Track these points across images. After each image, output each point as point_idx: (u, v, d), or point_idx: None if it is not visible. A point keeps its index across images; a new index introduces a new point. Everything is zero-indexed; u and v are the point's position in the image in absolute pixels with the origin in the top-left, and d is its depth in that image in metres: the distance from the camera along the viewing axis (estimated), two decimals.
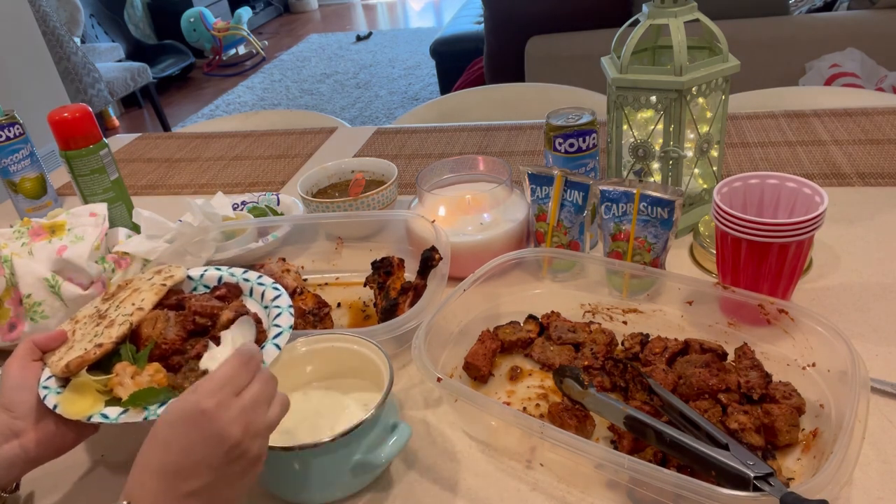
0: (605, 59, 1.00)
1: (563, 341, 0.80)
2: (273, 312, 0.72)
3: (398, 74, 5.10)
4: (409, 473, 0.68)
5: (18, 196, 1.25)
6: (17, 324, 0.84)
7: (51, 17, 3.58)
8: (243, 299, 0.77)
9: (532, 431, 0.61)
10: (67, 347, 0.68)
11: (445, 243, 0.87)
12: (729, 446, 0.57)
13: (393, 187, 1.07)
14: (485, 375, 0.77)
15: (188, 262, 0.97)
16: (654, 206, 0.80)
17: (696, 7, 0.92)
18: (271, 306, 0.74)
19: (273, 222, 1.05)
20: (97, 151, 1.09)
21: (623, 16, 2.14)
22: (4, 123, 1.19)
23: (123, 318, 0.69)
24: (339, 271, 1.02)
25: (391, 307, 0.83)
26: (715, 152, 0.99)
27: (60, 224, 0.90)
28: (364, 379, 0.73)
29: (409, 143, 1.46)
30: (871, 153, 1.16)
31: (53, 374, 0.65)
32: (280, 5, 7.31)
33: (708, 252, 0.90)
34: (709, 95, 0.93)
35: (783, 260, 0.74)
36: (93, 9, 4.88)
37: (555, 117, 0.96)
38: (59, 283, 0.83)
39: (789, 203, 0.79)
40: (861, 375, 0.61)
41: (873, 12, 2.37)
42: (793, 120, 1.32)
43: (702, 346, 0.74)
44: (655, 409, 0.66)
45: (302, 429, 0.68)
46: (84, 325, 0.71)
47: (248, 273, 0.80)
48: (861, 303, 0.83)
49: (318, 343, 0.73)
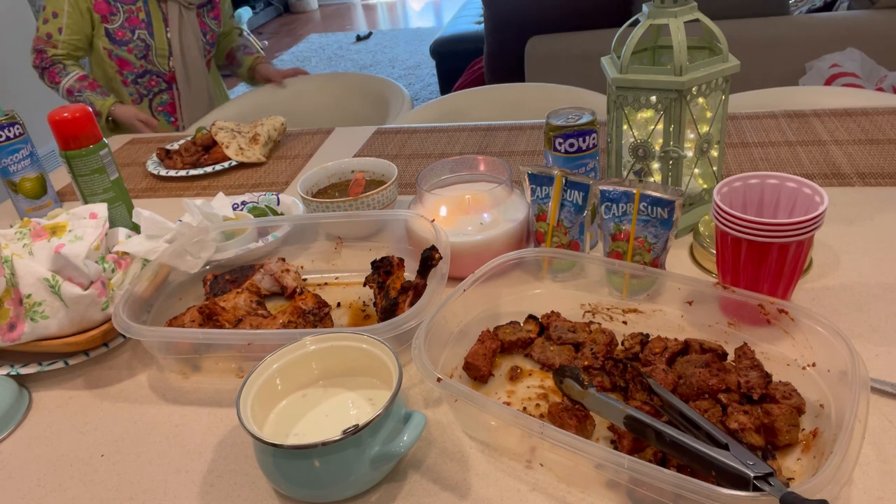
0: (605, 59, 1.00)
1: (563, 341, 0.80)
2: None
3: (398, 75, 5.10)
4: (409, 474, 0.68)
5: (18, 196, 1.25)
6: (17, 324, 0.84)
7: None
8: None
9: (532, 431, 0.61)
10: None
11: (445, 243, 0.87)
12: (729, 446, 0.57)
13: (393, 187, 1.07)
14: (485, 375, 0.77)
15: (188, 262, 0.97)
16: (654, 206, 0.80)
17: (696, 7, 0.92)
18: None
19: (273, 222, 1.05)
20: (97, 151, 1.09)
21: (623, 16, 2.15)
22: (4, 123, 1.19)
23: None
24: (339, 271, 1.02)
25: (391, 307, 0.83)
26: (715, 152, 0.99)
27: (62, 225, 0.90)
28: (369, 376, 0.73)
29: (409, 143, 1.46)
30: (871, 153, 1.16)
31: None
32: (280, 5, 7.31)
33: (708, 252, 0.90)
34: (709, 95, 0.93)
35: (783, 260, 0.74)
36: None
37: (555, 117, 0.96)
38: (59, 283, 0.83)
39: (789, 203, 0.79)
40: (861, 375, 0.61)
41: (873, 12, 2.37)
42: (793, 120, 1.32)
43: (702, 346, 0.75)
44: (655, 409, 0.66)
45: (310, 428, 0.69)
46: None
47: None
48: (861, 303, 0.82)
49: (326, 342, 0.73)
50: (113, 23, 1.87)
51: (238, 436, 0.75)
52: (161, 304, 0.94)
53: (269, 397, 0.71)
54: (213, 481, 0.70)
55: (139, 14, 1.89)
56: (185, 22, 1.94)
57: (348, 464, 0.63)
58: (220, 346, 0.84)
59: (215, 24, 2.05)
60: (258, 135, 1.50)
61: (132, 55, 1.92)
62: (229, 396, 0.81)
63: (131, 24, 1.88)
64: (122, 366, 0.89)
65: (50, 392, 0.86)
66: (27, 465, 0.75)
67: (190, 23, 1.96)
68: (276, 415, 0.71)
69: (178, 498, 0.69)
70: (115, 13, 1.87)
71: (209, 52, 2.08)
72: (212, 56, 2.11)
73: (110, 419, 0.80)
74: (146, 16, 1.90)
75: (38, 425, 0.81)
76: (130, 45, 1.90)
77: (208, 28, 2.04)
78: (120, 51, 1.91)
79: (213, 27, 2.05)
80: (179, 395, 0.83)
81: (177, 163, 1.45)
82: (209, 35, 2.05)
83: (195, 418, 0.79)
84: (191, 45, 1.98)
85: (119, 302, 0.84)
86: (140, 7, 1.89)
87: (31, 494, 0.71)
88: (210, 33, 2.05)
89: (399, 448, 0.63)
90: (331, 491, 0.65)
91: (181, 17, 1.93)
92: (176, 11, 1.92)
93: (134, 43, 1.90)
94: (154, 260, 0.93)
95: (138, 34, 1.89)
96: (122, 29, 1.87)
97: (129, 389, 0.85)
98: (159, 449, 0.75)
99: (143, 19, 1.89)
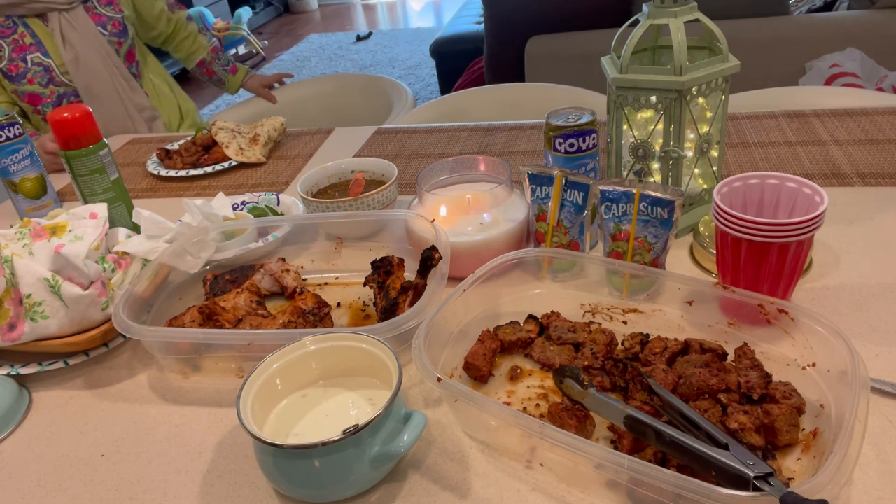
0: (605, 59, 1.00)
1: (563, 341, 0.80)
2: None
3: (398, 75, 5.10)
4: (409, 474, 0.68)
5: (18, 196, 1.25)
6: (17, 324, 0.84)
7: None
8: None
9: (532, 431, 0.61)
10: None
11: (445, 243, 0.87)
12: (729, 446, 0.57)
13: (393, 187, 1.07)
14: (485, 375, 0.77)
15: (188, 262, 0.97)
16: (654, 206, 0.80)
17: (696, 7, 0.92)
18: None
19: (273, 222, 1.05)
20: (97, 151, 1.09)
21: (623, 16, 2.15)
22: (4, 123, 1.19)
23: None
24: (339, 271, 1.02)
25: (391, 307, 0.83)
26: (715, 152, 0.99)
27: (62, 225, 0.90)
28: (369, 376, 0.73)
29: (409, 143, 1.46)
30: (871, 153, 1.16)
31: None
32: (280, 5, 7.31)
33: (708, 252, 0.90)
34: (709, 95, 0.93)
35: (783, 260, 0.74)
36: None
37: (555, 117, 0.96)
38: (60, 283, 0.83)
39: (789, 203, 0.79)
40: (861, 375, 0.61)
41: (873, 12, 2.37)
42: (793, 120, 1.32)
43: (702, 346, 0.75)
44: (655, 409, 0.66)
45: (310, 428, 0.69)
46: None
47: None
48: (861, 303, 0.82)
49: (326, 342, 0.73)
50: (1, 61, 1.66)
51: (238, 436, 0.75)
52: (161, 304, 0.94)
53: (269, 397, 0.71)
54: (213, 481, 0.70)
55: (24, 39, 1.68)
56: (68, 26, 1.70)
57: (348, 464, 0.63)
58: (220, 346, 0.84)
59: (113, 10, 1.78)
60: (258, 135, 1.50)
61: (35, 85, 1.70)
62: (229, 396, 0.81)
63: (20, 53, 1.67)
64: (122, 366, 0.89)
65: (50, 392, 0.86)
66: (27, 465, 0.75)
67: (77, 24, 1.71)
68: (276, 415, 0.71)
69: (178, 498, 0.69)
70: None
71: (120, 44, 1.80)
72: (129, 47, 1.84)
73: (110, 419, 0.80)
74: (32, 36, 1.68)
75: (38, 425, 0.81)
76: (29, 76, 1.69)
77: (106, 18, 1.77)
78: (22, 86, 1.70)
79: (113, 14, 1.78)
80: (179, 395, 0.83)
81: (177, 163, 1.45)
82: (111, 25, 1.77)
83: (195, 418, 0.79)
84: (86, 50, 1.72)
85: (119, 302, 0.84)
86: (22, 32, 1.67)
87: (31, 494, 0.71)
88: (112, 22, 1.78)
89: (399, 448, 0.63)
90: (331, 491, 0.65)
91: (62, 22, 1.69)
92: (56, 19, 1.69)
93: (31, 71, 1.68)
94: (154, 260, 0.93)
95: (31, 59, 1.68)
96: (11, 63, 1.66)
97: (129, 389, 0.85)
98: (159, 449, 0.75)
99: (30, 42, 1.68)
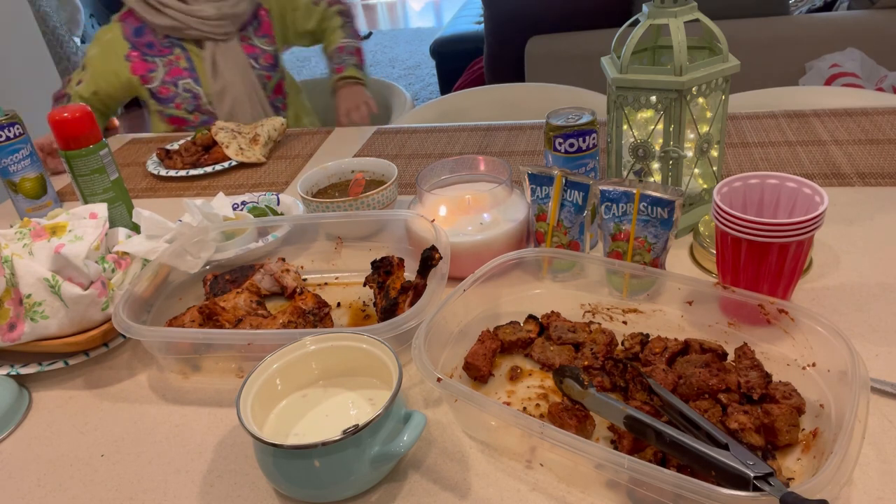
0: (605, 59, 1.00)
1: (563, 341, 0.80)
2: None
3: (398, 75, 5.10)
4: (409, 474, 0.68)
5: (18, 196, 1.25)
6: (17, 324, 0.84)
7: (51, 17, 3.58)
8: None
9: (532, 431, 0.61)
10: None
11: (445, 243, 0.87)
12: (729, 446, 0.57)
13: (393, 187, 1.07)
14: (485, 375, 0.77)
15: (188, 262, 0.97)
16: (654, 206, 0.80)
17: (696, 7, 0.92)
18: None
19: (273, 222, 1.05)
20: (97, 151, 1.09)
21: (623, 16, 2.15)
22: (4, 123, 1.19)
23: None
24: (339, 271, 1.02)
25: (391, 307, 0.83)
26: (715, 152, 0.99)
27: (62, 225, 0.90)
28: (369, 376, 0.73)
29: (409, 143, 1.46)
30: (871, 153, 1.16)
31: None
32: None
33: (708, 252, 0.90)
34: (709, 95, 0.93)
35: (783, 260, 0.74)
36: (93, 9, 4.88)
37: (555, 117, 0.96)
38: (60, 283, 0.83)
39: (789, 203, 0.79)
40: (861, 375, 0.61)
41: (873, 12, 2.37)
42: (793, 120, 1.32)
43: (702, 346, 0.75)
44: (655, 409, 0.66)
45: (310, 428, 0.69)
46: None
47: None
48: (861, 303, 0.82)
49: (326, 342, 0.73)
50: (153, 81, 1.65)
51: (238, 436, 0.75)
52: (161, 304, 0.94)
53: (269, 397, 0.71)
54: (213, 481, 0.70)
55: (179, 62, 1.66)
56: (221, 56, 1.66)
57: (348, 464, 0.63)
58: (220, 346, 0.84)
59: (267, 43, 1.72)
60: (258, 135, 1.50)
61: (182, 110, 1.69)
62: (229, 396, 0.81)
63: (173, 77, 1.66)
64: (122, 366, 0.89)
65: (50, 392, 0.86)
66: (27, 465, 0.75)
67: (229, 55, 1.67)
68: (276, 415, 0.71)
69: (178, 498, 0.69)
70: (153, 69, 1.65)
71: (269, 78, 1.74)
72: (279, 80, 1.78)
73: (110, 419, 0.80)
74: (187, 61, 1.66)
75: (38, 425, 0.81)
76: (177, 101, 1.67)
77: (259, 50, 1.71)
78: (168, 108, 1.69)
79: (266, 46, 1.72)
80: (179, 395, 0.83)
81: (177, 163, 1.45)
82: (263, 58, 1.72)
83: (195, 418, 0.79)
84: (233, 81, 1.68)
85: (119, 302, 0.84)
86: (179, 55, 1.66)
87: (31, 494, 0.71)
88: (264, 55, 1.72)
89: (399, 448, 0.63)
90: (331, 491, 0.65)
91: (217, 52, 1.66)
92: (211, 48, 1.65)
93: (180, 96, 1.67)
94: (154, 260, 0.93)
95: (182, 85, 1.66)
96: (163, 85, 1.66)
97: (129, 389, 0.85)
98: (159, 449, 0.75)
99: (184, 67, 1.66)
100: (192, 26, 1.62)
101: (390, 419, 0.65)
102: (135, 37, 1.66)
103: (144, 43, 1.65)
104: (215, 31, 1.64)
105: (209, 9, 1.62)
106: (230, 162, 1.44)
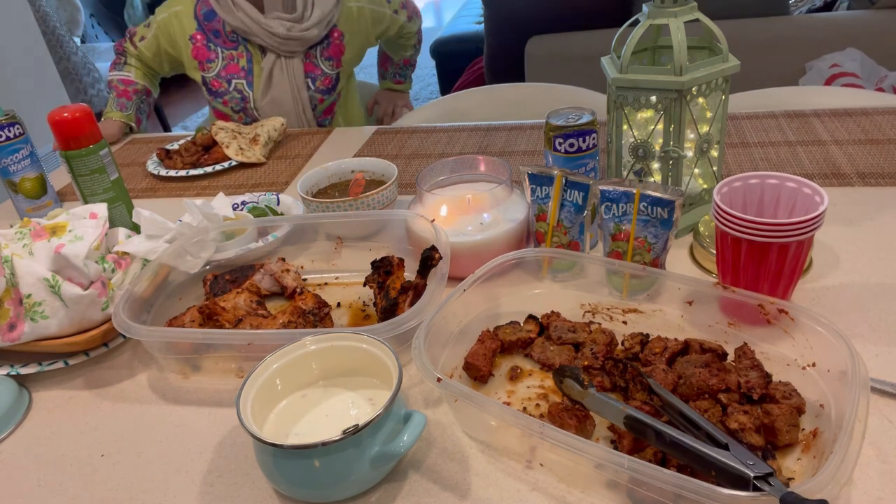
0: (605, 59, 1.00)
1: (563, 341, 0.80)
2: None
3: None
4: (409, 474, 0.68)
5: (18, 196, 1.25)
6: (17, 324, 0.84)
7: (51, 17, 3.57)
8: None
9: (532, 431, 0.61)
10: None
11: (445, 243, 0.87)
12: (729, 446, 0.57)
13: (393, 187, 1.07)
14: (485, 375, 0.77)
15: (188, 262, 0.97)
16: (654, 206, 0.80)
17: (696, 7, 0.92)
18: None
19: (273, 222, 1.05)
20: (97, 151, 1.09)
21: (623, 16, 2.15)
22: (4, 123, 1.19)
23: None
24: (339, 271, 1.02)
25: (391, 307, 0.83)
26: (715, 152, 0.99)
27: (62, 225, 0.90)
28: (369, 376, 0.73)
29: (409, 143, 1.46)
30: (871, 153, 1.16)
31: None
32: None
33: (708, 252, 0.90)
34: (709, 95, 0.93)
35: (783, 260, 0.74)
36: (93, 9, 4.88)
37: (555, 117, 0.96)
38: (60, 283, 0.83)
39: (789, 203, 0.79)
40: (861, 375, 0.61)
41: (873, 12, 2.37)
42: (793, 120, 1.32)
43: (702, 346, 0.75)
44: (655, 409, 0.66)
45: (310, 428, 0.69)
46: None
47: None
48: (861, 303, 0.82)
49: (326, 342, 0.73)
50: (210, 70, 1.62)
51: (238, 436, 0.75)
52: (161, 304, 0.94)
53: (269, 397, 0.71)
54: (213, 481, 0.70)
55: (239, 60, 1.62)
56: (279, 70, 1.63)
57: (348, 464, 0.63)
58: (220, 346, 0.84)
59: (331, 67, 1.67)
60: (258, 135, 1.50)
61: (228, 108, 1.67)
62: (229, 396, 0.81)
63: (228, 73, 1.62)
64: (122, 366, 0.89)
65: (50, 392, 0.86)
66: (27, 465, 0.75)
67: (288, 71, 1.63)
68: (276, 415, 0.71)
69: (178, 498, 0.69)
70: (212, 59, 1.62)
71: (321, 101, 1.70)
72: (331, 103, 1.74)
73: (110, 419, 0.80)
74: (247, 62, 1.62)
75: (38, 425, 0.81)
76: (226, 97, 1.65)
77: (320, 72, 1.66)
78: (216, 103, 1.67)
79: (329, 70, 1.67)
80: (179, 395, 0.83)
81: (177, 163, 1.45)
82: (321, 80, 1.66)
83: (195, 418, 0.79)
84: (284, 97, 1.64)
85: (119, 302, 0.84)
86: (241, 52, 1.62)
87: (31, 494, 0.71)
88: (324, 78, 1.66)
89: (399, 448, 0.63)
90: (331, 491, 0.65)
91: (276, 65, 1.62)
92: (272, 59, 1.62)
93: (230, 94, 1.64)
94: (154, 260, 0.93)
95: (235, 84, 1.63)
96: (217, 78, 1.62)
97: (129, 389, 0.85)
98: (159, 449, 0.75)
99: (243, 66, 1.62)
100: (259, 35, 1.58)
101: (390, 419, 0.65)
102: (205, 20, 1.61)
103: (212, 29, 1.61)
104: (280, 47, 1.60)
105: (280, 27, 1.57)
106: (230, 162, 1.44)
